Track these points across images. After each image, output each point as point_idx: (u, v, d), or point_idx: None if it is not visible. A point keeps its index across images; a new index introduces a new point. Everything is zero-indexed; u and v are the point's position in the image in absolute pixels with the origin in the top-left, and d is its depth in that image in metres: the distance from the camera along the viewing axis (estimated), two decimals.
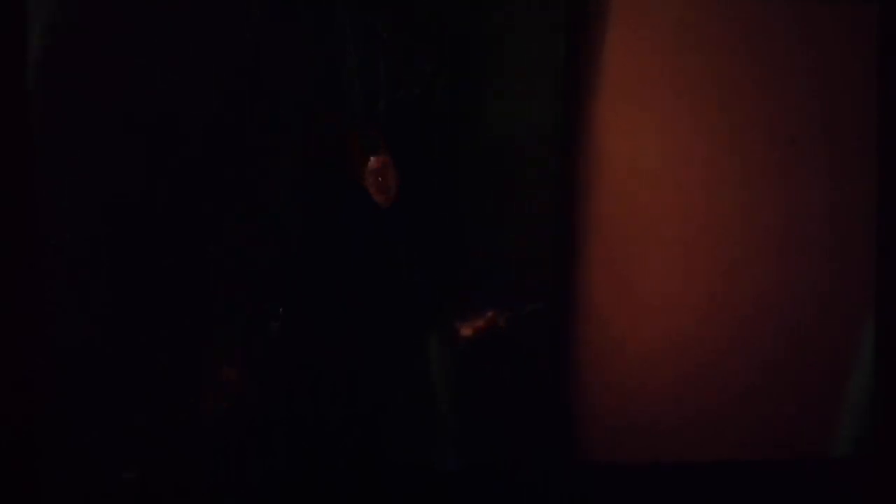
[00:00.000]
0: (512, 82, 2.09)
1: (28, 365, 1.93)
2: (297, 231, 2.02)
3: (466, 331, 2.09)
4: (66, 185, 1.96)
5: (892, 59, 2.12)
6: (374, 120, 2.04)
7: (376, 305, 2.06)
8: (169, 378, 1.99)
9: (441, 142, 2.08)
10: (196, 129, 1.99)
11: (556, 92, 2.10)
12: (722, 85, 2.15)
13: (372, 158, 2.02)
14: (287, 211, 2.02)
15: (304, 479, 2.04)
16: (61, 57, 1.95)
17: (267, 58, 2.00)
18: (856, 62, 2.16)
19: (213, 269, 2.00)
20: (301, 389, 2.04)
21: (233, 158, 2.00)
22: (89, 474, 1.97)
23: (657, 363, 2.16)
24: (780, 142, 2.16)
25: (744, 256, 2.17)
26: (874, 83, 2.15)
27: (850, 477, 2.14)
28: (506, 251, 2.11)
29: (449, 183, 2.09)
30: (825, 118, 2.16)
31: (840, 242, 2.17)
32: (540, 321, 2.11)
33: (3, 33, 1.91)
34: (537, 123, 2.10)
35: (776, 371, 2.18)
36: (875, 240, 2.15)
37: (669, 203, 2.15)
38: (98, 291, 1.97)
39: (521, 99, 2.09)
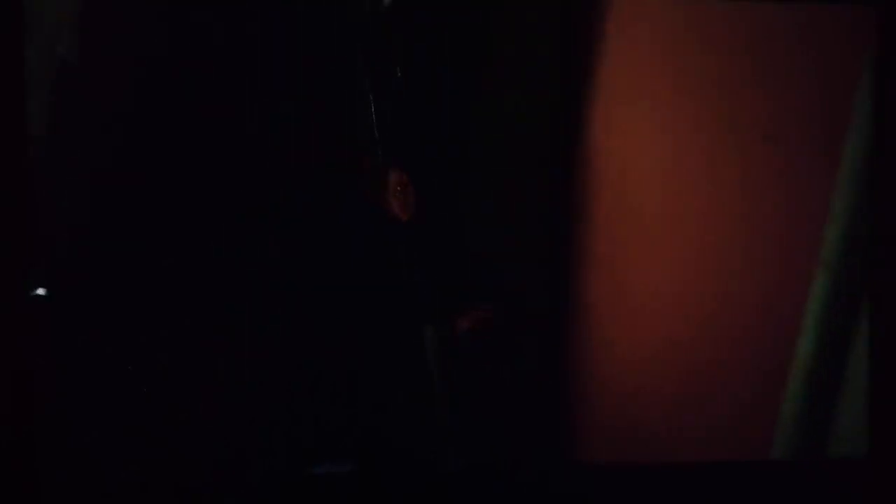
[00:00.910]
0: (512, 82, 2.09)
1: (28, 365, 1.93)
2: (297, 231, 2.02)
3: (464, 323, 2.10)
4: (66, 185, 1.96)
5: (892, 59, 2.12)
6: (384, 128, 2.04)
7: (377, 305, 2.06)
8: (169, 378, 1.99)
9: (441, 142, 2.08)
10: (197, 129, 1.98)
11: (556, 92, 2.11)
12: (722, 85, 2.15)
13: (393, 177, 2.02)
14: (288, 211, 2.02)
15: (304, 479, 2.04)
16: (61, 58, 1.95)
17: (268, 58, 2.00)
18: (856, 62, 2.16)
19: (213, 269, 2.00)
20: (302, 389, 2.04)
21: (234, 158, 2.00)
22: (89, 474, 1.97)
23: (656, 363, 2.16)
24: (780, 142, 2.16)
25: (742, 257, 2.17)
26: (874, 83, 2.15)
27: (850, 477, 2.14)
28: (505, 251, 2.11)
29: (449, 183, 2.09)
30: (824, 118, 2.16)
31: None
32: (539, 320, 2.12)
33: (4, 33, 1.91)
34: (537, 123, 2.10)
35: (774, 371, 2.18)
36: (874, 240, 2.15)
37: (668, 203, 2.15)
38: (98, 291, 1.97)
39: (521, 99, 2.09)
